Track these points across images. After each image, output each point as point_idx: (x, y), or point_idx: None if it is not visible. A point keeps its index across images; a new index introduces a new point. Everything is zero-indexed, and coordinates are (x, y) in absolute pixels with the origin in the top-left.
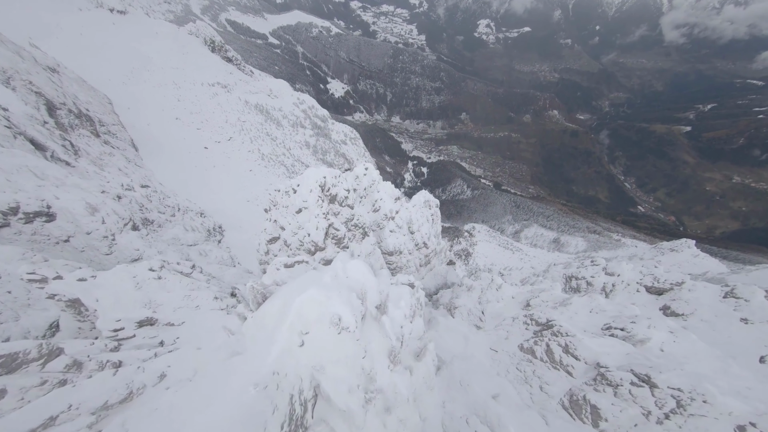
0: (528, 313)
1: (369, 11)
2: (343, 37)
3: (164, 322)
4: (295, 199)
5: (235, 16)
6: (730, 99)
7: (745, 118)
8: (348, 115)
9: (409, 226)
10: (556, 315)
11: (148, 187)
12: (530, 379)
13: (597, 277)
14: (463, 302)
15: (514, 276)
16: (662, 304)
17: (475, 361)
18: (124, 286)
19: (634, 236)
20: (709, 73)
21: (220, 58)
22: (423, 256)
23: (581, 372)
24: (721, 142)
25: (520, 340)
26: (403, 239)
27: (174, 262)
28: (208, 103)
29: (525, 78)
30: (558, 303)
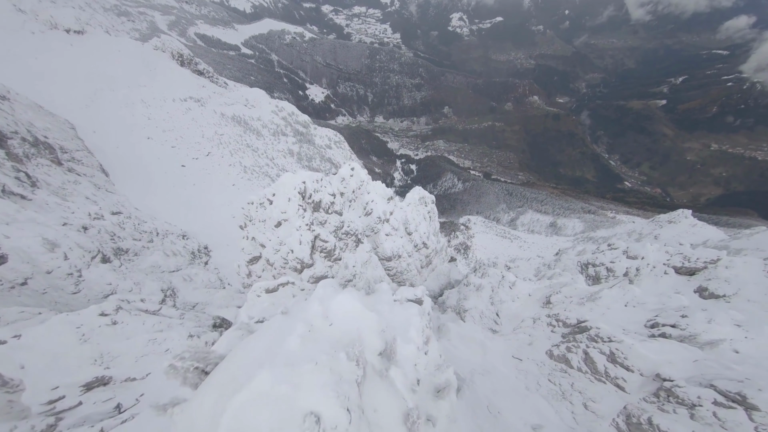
0: (551, 312)
1: (341, 14)
2: (317, 41)
3: (122, 379)
4: (272, 210)
5: (204, 29)
6: (699, 70)
7: (715, 87)
8: (330, 119)
9: (406, 227)
10: (585, 313)
11: (121, 213)
12: (569, 394)
13: (618, 262)
14: (473, 304)
15: (522, 268)
16: (696, 286)
17: (499, 375)
18: (64, 341)
19: (628, 212)
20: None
21: (190, 71)
22: (423, 257)
23: (636, 386)
24: (696, 112)
25: (548, 346)
26: (401, 242)
27: (136, 300)
28: (182, 119)
29: (502, 67)
30: (584, 298)
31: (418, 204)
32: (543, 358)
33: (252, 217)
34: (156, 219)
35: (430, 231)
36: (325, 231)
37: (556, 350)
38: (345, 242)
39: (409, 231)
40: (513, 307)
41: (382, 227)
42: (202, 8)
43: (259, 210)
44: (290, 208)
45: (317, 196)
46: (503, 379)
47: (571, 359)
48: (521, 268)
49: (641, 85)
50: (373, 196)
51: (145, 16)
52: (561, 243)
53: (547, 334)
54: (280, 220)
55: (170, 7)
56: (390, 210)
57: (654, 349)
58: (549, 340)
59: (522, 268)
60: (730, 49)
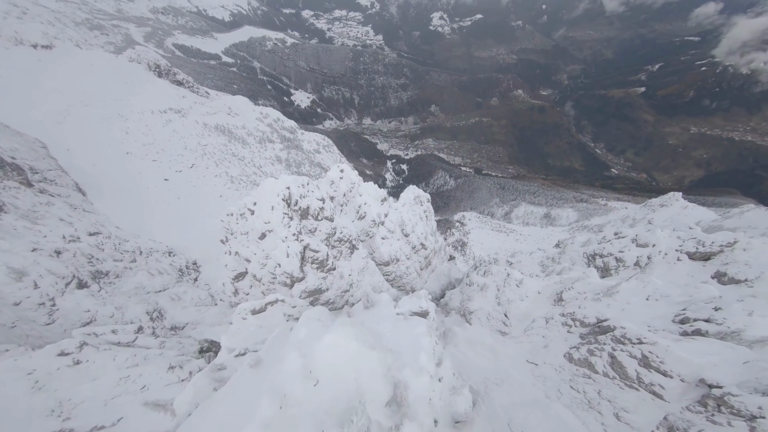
0: (565, 311)
1: (322, 18)
2: (299, 46)
3: (86, 430)
4: (254, 221)
5: (182, 39)
6: (674, 57)
7: (690, 72)
8: (318, 123)
9: (403, 229)
10: (603, 310)
11: (100, 233)
12: (596, 402)
13: (627, 252)
14: (478, 305)
15: (525, 263)
16: (713, 272)
17: (515, 383)
18: (11, 392)
19: (618, 198)
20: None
21: (169, 82)
22: (422, 258)
23: (677, 393)
24: (674, 97)
25: (565, 348)
26: (398, 244)
27: (106, 332)
28: (162, 132)
29: (485, 63)
30: (600, 293)
31: (414, 204)
32: (561, 361)
33: (233, 229)
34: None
35: (428, 231)
36: (315, 240)
37: (576, 353)
38: (339, 250)
39: (406, 232)
40: (522, 307)
41: (377, 231)
42: (179, 18)
43: (240, 222)
44: (274, 217)
45: (304, 202)
46: (520, 388)
47: (595, 363)
48: (524, 263)
49: (620, 74)
50: (366, 198)
51: (119, 29)
52: (557, 233)
53: (563, 335)
54: (264, 232)
55: (146, 18)
56: (384, 212)
57: (694, 350)
58: (566, 341)
59: (525, 263)
60: (701, 35)
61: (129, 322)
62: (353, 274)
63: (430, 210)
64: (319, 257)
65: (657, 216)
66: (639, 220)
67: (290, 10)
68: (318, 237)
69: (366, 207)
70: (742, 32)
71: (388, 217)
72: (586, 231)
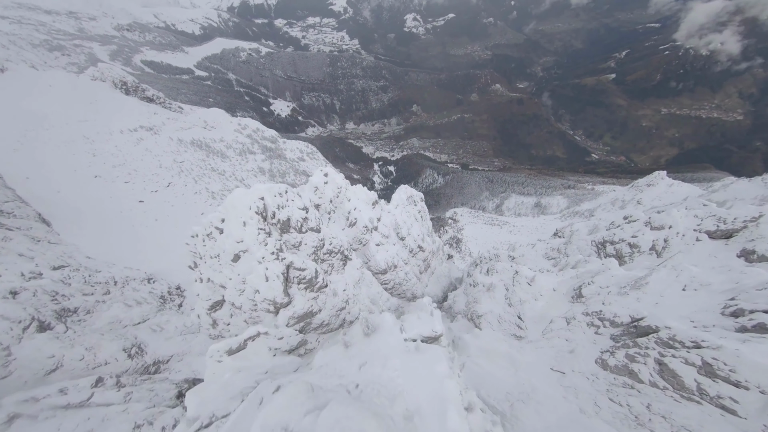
0: (588, 309)
1: (296, 26)
2: (274, 55)
3: None
4: (223, 242)
5: (151, 55)
6: (639, 43)
7: (655, 56)
8: (300, 131)
9: (398, 232)
10: (634, 306)
11: (66, 266)
12: (646, 418)
13: (641, 236)
14: (487, 307)
15: (529, 257)
16: (739, 250)
17: (542, 398)
18: None
19: (603, 182)
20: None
21: (138, 99)
22: (421, 261)
23: (756, 407)
24: (643, 81)
25: (595, 353)
26: (395, 249)
27: (52, 392)
28: (134, 151)
29: (462, 61)
30: (626, 286)
31: (407, 204)
32: (593, 369)
33: (200, 253)
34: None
35: (424, 232)
36: (300, 256)
37: (611, 359)
38: (329, 263)
39: (402, 236)
40: (537, 307)
41: (370, 237)
42: (146, 34)
43: (208, 243)
44: (248, 235)
45: (283, 213)
46: (550, 404)
47: (639, 371)
48: (527, 256)
49: (591, 62)
50: (355, 202)
51: (81, 49)
52: (549, 222)
53: (590, 338)
54: (238, 253)
55: (110, 36)
56: (377, 216)
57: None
58: (595, 344)
59: (528, 257)
60: (661, 22)
61: (102, 363)
62: (348, 288)
63: (424, 209)
64: (307, 276)
65: (645, 196)
66: (628, 201)
67: (262, 20)
68: (304, 252)
69: (356, 213)
70: (698, 16)
71: (382, 222)
72: (577, 216)
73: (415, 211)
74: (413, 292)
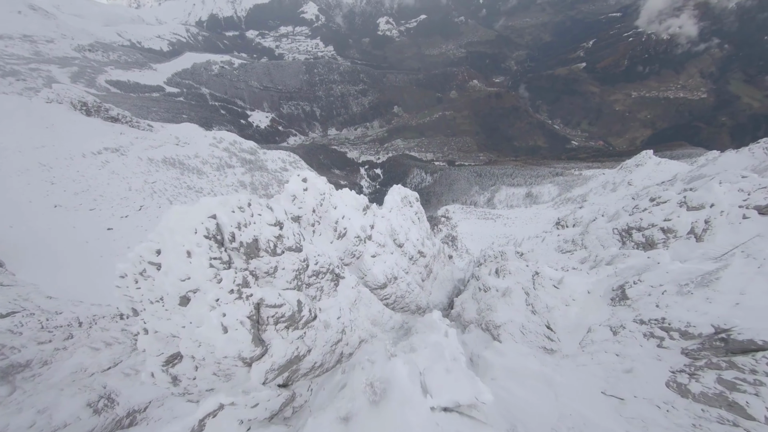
0: (645, 316)
1: (268, 37)
2: (248, 66)
3: None
4: (162, 281)
5: (116, 75)
6: (604, 32)
7: (621, 43)
8: (281, 141)
9: (395, 239)
10: (706, 308)
11: (17, 312)
12: None
13: (677, 218)
14: (505, 316)
15: (540, 252)
16: None
17: None
18: None
19: (589, 167)
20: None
21: (101, 120)
22: (423, 268)
23: None
24: (612, 67)
25: (663, 373)
26: (393, 259)
27: None
28: (99, 175)
29: (437, 60)
30: (689, 284)
31: (402, 206)
32: (665, 394)
33: (136, 298)
34: (81, 303)
35: (423, 235)
36: (273, 290)
37: (694, 383)
38: (318, 287)
39: (400, 243)
40: (570, 314)
41: (364, 248)
42: (110, 54)
43: (143, 284)
44: (195, 268)
45: (247, 233)
46: None
47: (747, 404)
48: (538, 251)
49: (561, 53)
50: (343, 210)
51: (39, 72)
52: (543, 210)
53: (651, 353)
54: (186, 294)
55: (70, 58)
56: (369, 223)
57: None
58: (660, 361)
59: (539, 252)
60: (622, 11)
61: (61, 426)
62: (344, 314)
63: (421, 210)
64: (285, 312)
65: (634, 176)
66: (619, 183)
67: (233, 32)
68: (282, 279)
69: (345, 221)
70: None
71: (376, 229)
72: (570, 203)
73: (411, 213)
74: (417, 303)
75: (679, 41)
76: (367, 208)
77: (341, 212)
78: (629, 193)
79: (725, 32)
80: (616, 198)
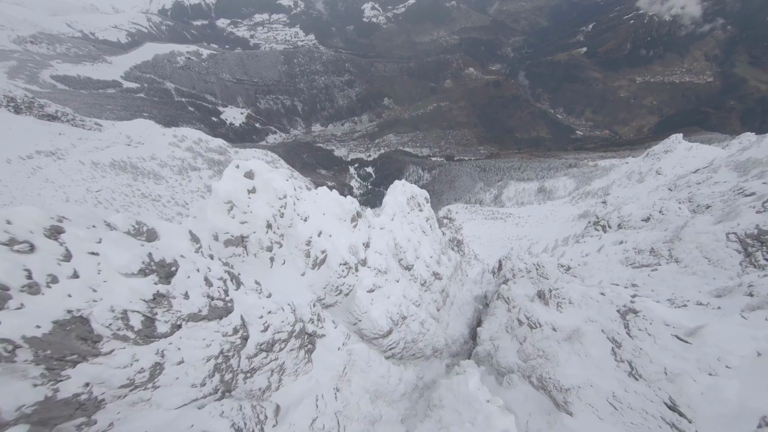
0: None
1: (241, 26)
2: (219, 57)
3: None
4: None
5: (64, 69)
6: (603, 15)
7: (622, 26)
8: (260, 140)
9: (401, 259)
10: None
11: None
12: None
13: None
14: (578, 375)
15: (598, 267)
16: None
17: None
18: None
19: (602, 156)
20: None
21: (34, 118)
22: (438, 293)
23: None
24: (614, 52)
25: None
26: (399, 290)
27: None
28: (27, 184)
29: (429, 48)
30: None
31: (409, 210)
32: None
33: None
34: None
35: (437, 248)
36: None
37: None
38: (272, 367)
39: (407, 264)
40: (722, 392)
41: (356, 279)
42: (57, 46)
43: None
44: None
45: None
46: None
47: None
48: (594, 265)
49: (559, 38)
50: (319, 222)
51: None
52: (559, 207)
53: None
54: None
55: (8, 51)
56: (363, 240)
57: None
58: None
59: (596, 266)
60: None
61: None
62: (326, 404)
63: (432, 214)
64: None
65: (663, 164)
66: (646, 173)
67: (202, 21)
68: (171, 391)
69: (323, 240)
70: None
71: (372, 247)
72: (591, 197)
73: (421, 220)
74: (434, 346)
75: (682, 22)
76: (357, 217)
77: (316, 226)
78: (661, 183)
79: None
80: (646, 190)
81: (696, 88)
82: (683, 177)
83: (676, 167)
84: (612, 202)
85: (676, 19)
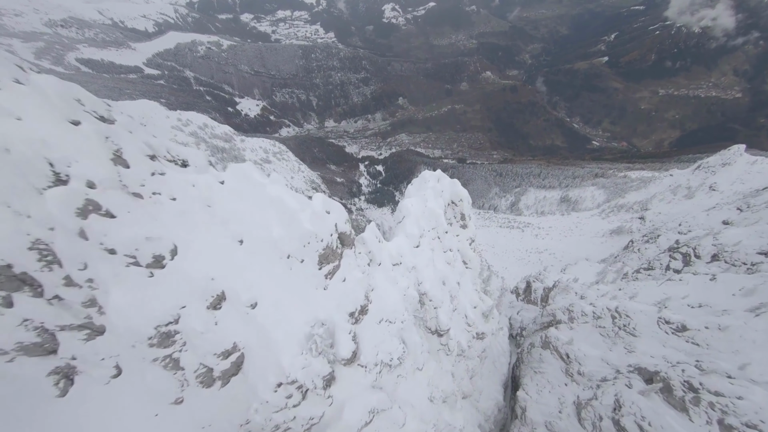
0: None
1: (264, 21)
2: (238, 48)
3: None
4: None
5: (89, 53)
6: (627, 25)
7: (647, 37)
8: (273, 132)
9: (426, 322)
10: None
11: None
12: None
13: None
14: None
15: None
16: None
17: None
18: None
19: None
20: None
21: None
22: (477, 358)
23: None
24: (638, 62)
25: None
26: (423, 402)
27: None
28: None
29: (446, 51)
30: None
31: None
32: None
33: None
34: None
35: (479, 284)
36: None
37: None
38: None
39: (441, 328)
40: None
41: (327, 406)
42: (85, 31)
43: None
44: None
45: None
46: None
47: None
48: (735, 332)
49: (579, 47)
50: (222, 276)
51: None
52: (586, 219)
53: None
54: None
55: (39, 33)
56: (355, 301)
57: None
58: None
59: (735, 333)
60: (645, 4)
61: None
62: None
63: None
64: None
65: (719, 178)
66: (697, 188)
67: (226, 15)
68: None
69: None
70: None
71: (374, 312)
72: (624, 211)
73: (464, 242)
74: None
75: (712, 34)
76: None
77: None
78: (719, 201)
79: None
80: (699, 208)
81: (722, 104)
82: (755, 196)
83: (735, 183)
84: (652, 219)
85: (706, 31)
